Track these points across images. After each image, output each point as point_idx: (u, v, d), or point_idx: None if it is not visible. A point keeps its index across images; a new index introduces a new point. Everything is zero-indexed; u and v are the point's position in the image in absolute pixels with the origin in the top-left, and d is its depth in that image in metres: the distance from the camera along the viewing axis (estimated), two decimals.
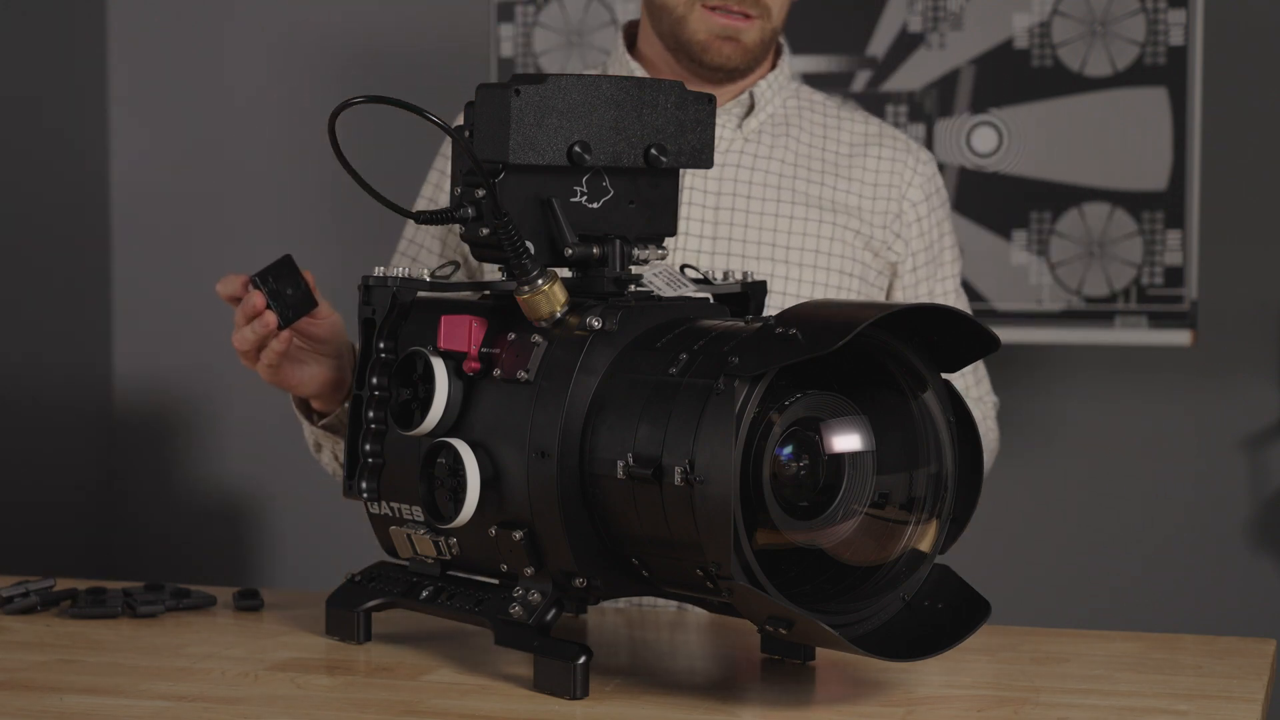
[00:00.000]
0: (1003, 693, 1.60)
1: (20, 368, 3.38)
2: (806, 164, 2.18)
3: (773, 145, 2.18)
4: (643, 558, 1.56)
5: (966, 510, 1.58)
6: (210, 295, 3.58)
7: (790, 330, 1.45)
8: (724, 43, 2.11)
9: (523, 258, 1.60)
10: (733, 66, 2.13)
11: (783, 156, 2.17)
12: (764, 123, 2.19)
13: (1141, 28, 3.08)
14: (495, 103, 1.63)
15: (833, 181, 2.17)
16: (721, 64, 2.13)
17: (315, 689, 1.60)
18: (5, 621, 1.85)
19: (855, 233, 2.15)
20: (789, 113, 2.21)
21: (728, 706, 1.54)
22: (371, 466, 1.71)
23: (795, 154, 2.18)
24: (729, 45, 2.12)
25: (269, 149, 3.55)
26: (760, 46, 2.13)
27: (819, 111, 2.23)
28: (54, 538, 3.47)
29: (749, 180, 2.15)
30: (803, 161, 2.18)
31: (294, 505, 3.57)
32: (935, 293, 2.24)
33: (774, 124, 2.19)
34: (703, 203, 2.14)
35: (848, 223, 2.15)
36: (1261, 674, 1.66)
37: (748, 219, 2.14)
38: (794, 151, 2.18)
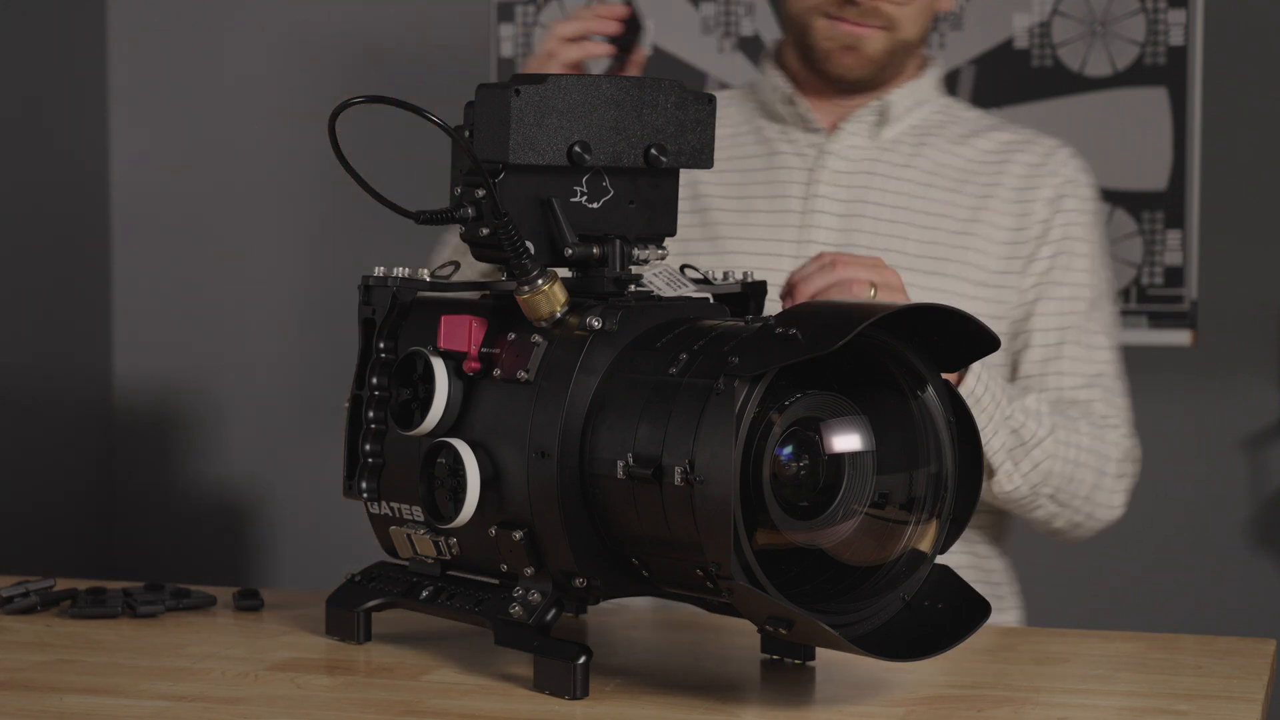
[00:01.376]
0: (1003, 693, 1.60)
1: (20, 368, 3.38)
2: (942, 178, 2.13)
3: (910, 156, 2.14)
4: (643, 558, 1.56)
5: (966, 510, 1.58)
6: (210, 295, 3.60)
7: (790, 330, 1.45)
8: (845, 52, 2.09)
9: (523, 258, 1.60)
10: (855, 77, 2.10)
11: (917, 172, 2.13)
12: (903, 133, 2.15)
13: (1141, 28, 3.08)
14: (495, 103, 1.64)
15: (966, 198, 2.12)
16: (842, 74, 2.10)
17: (315, 689, 1.60)
18: (5, 621, 1.85)
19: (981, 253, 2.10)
20: (930, 126, 2.17)
21: (728, 706, 1.54)
22: (371, 466, 1.71)
23: (931, 168, 2.13)
24: (849, 55, 2.09)
25: (269, 149, 3.55)
26: (886, 57, 2.10)
27: (965, 125, 2.18)
28: (54, 538, 3.47)
29: (882, 188, 2.12)
30: (938, 179, 2.13)
31: (294, 505, 3.57)
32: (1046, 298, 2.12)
33: (914, 135, 2.15)
34: (833, 210, 2.11)
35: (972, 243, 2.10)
36: (1261, 674, 1.66)
37: (876, 226, 2.10)
38: (929, 164, 2.14)
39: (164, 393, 3.63)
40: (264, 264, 3.57)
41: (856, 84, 2.12)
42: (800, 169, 2.15)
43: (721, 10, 3.25)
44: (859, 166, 2.13)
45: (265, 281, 3.57)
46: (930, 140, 2.15)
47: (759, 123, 2.19)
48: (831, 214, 2.11)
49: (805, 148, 2.15)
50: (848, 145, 2.14)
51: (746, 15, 3.24)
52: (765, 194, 2.15)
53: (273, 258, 3.56)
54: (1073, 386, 2.08)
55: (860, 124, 2.14)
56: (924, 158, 2.14)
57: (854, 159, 2.13)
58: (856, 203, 2.11)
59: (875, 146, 2.14)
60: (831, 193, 2.12)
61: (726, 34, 3.26)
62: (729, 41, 3.26)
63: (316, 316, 3.53)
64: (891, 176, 2.13)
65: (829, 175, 2.13)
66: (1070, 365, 2.08)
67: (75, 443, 3.55)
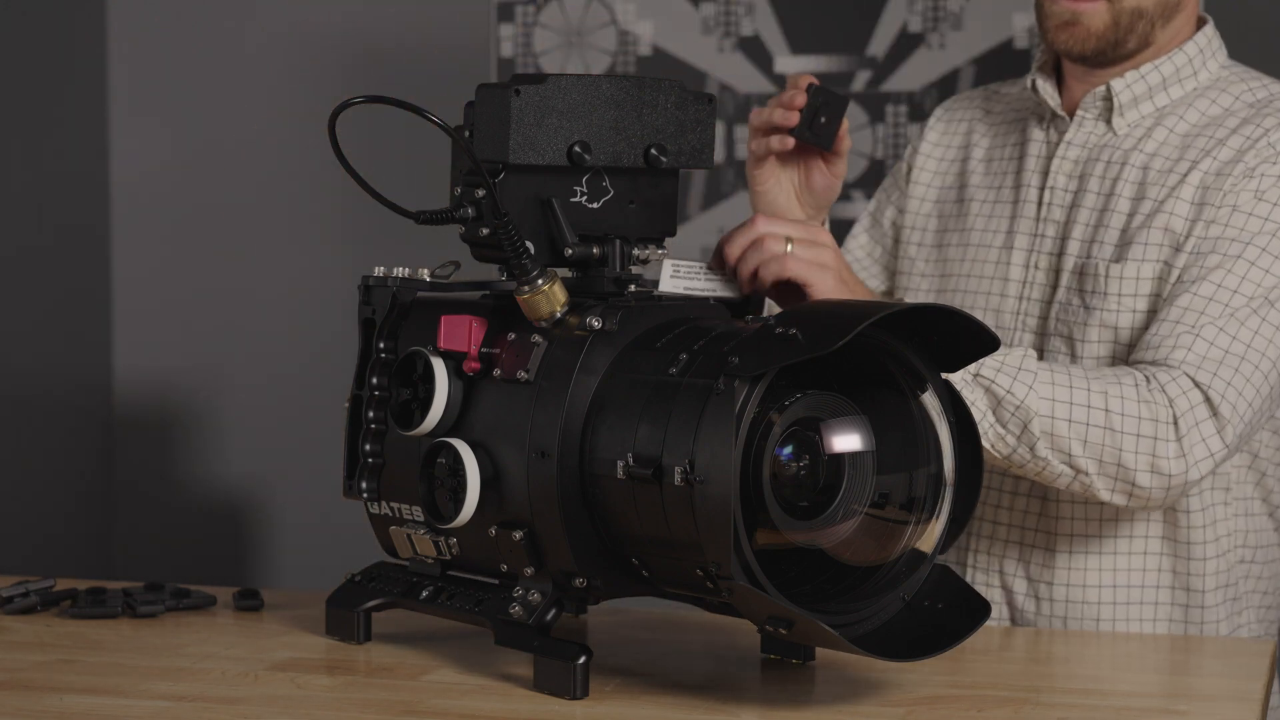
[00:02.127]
0: (1003, 693, 1.60)
1: (20, 368, 3.38)
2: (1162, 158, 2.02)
3: (1141, 140, 2.05)
4: (643, 558, 1.56)
5: (966, 510, 1.58)
6: (210, 295, 3.60)
7: (790, 330, 1.45)
8: (1062, 28, 2.02)
9: (523, 258, 1.60)
10: (1080, 53, 2.02)
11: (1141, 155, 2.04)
12: (1145, 116, 2.06)
13: None
14: (495, 103, 1.64)
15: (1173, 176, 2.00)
16: (1067, 50, 2.03)
17: (315, 689, 1.60)
18: (5, 621, 1.85)
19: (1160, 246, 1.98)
20: (1183, 102, 2.06)
21: (728, 706, 1.54)
22: (371, 466, 1.71)
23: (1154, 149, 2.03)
24: (1066, 31, 2.02)
25: (269, 149, 3.55)
26: (1114, 30, 2.01)
27: (1221, 104, 2.04)
28: (54, 538, 3.47)
29: (1102, 175, 2.04)
30: (1157, 160, 2.02)
31: (294, 505, 3.57)
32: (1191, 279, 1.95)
33: (1158, 117, 2.05)
34: (1061, 202, 2.06)
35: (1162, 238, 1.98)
36: (1261, 674, 1.66)
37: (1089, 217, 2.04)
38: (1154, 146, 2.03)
39: (164, 393, 3.63)
40: (264, 264, 3.57)
41: (1091, 60, 2.04)
42: (1043, 159, 2.11)
43: (721, 10, 3.25)
44: (1090, 154, 2.07)
45: (265, 281, 3.57)
46: (1168, 121, 2.05)
47: (1027, 114, 2.16)
48: (1060, 205, 2.07)
49: (1052, 136, 2.11)
50: (1083, 133, 2.07)
51: (746, 15, 3.24)
52: (1011, 184, 2.13)
53: (273, 258, 3.56)
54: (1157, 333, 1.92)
55: (1091, 110, 2.07)
56: (1151, 139, 2.04)
57: (1088, 146, 2.07)
58: (1080, 193, 2.06)
59: (1110, 133, 2.07)
60: (1064, 183, 2.07)
61: (726, 34, 3.26)
62: (729, 41, 3.26)
63: (316, 316, 3.53)
64: (1114, 163, 2.05)
65: (1064, 165, 2.07)
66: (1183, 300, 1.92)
67: (75, 443, 3.55)
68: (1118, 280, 1.97)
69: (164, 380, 3.63)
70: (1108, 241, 2.00)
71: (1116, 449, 1.85)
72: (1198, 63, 2.06)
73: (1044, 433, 1.84)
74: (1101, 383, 1.86)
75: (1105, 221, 2.01)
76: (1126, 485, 1.86)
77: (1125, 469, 1.85)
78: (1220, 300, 1.91)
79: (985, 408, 1.84)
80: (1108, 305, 1.97)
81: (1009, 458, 1.86)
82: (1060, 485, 1.89)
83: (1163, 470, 1.85)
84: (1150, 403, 1.86)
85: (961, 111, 2.24)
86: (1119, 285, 1.97)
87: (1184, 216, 1.96)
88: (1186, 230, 1.96)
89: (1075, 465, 1.85)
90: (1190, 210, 1.96)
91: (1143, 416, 1.85)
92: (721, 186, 3.27)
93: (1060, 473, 1.86)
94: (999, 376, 1.83)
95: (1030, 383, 1.84)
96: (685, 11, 3.27)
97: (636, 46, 3.29)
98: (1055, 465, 1.85)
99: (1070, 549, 2.01)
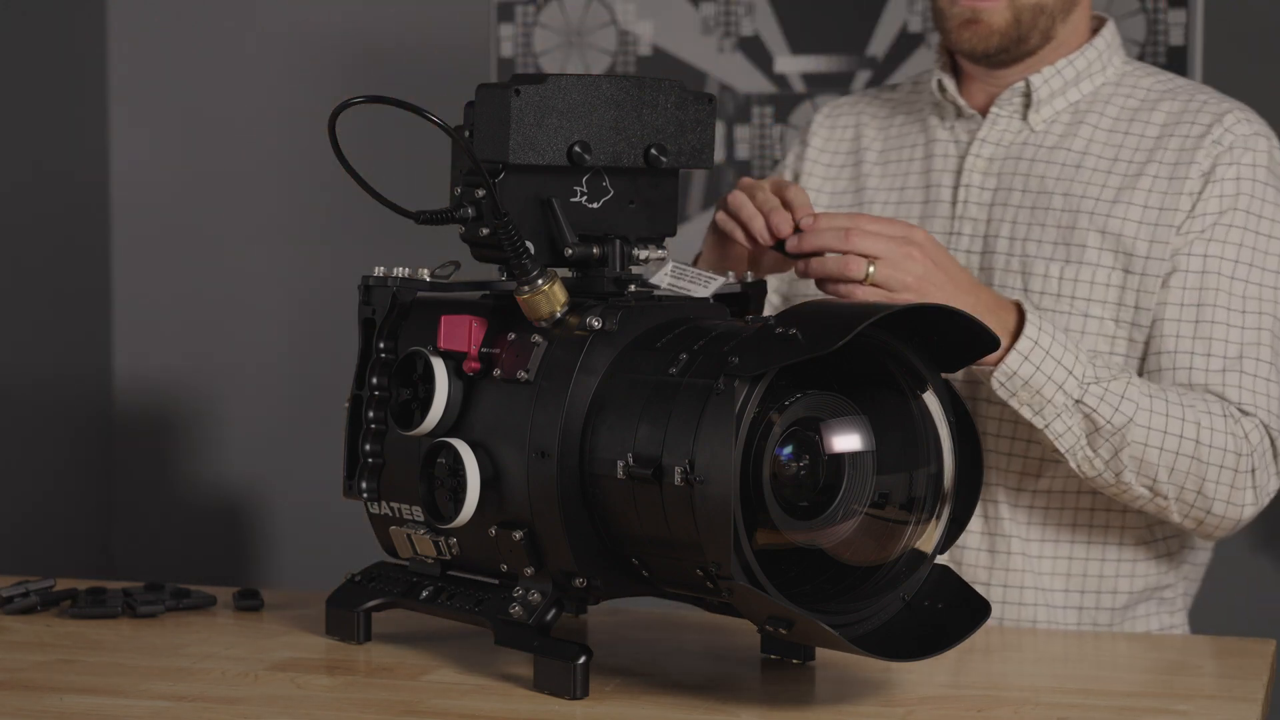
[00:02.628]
0: (1003, 693, 1.60)
1: (20, 368, 3.38)
2: (1094, 157, 2.03)
3: (1063, 137, 2.05)
4: (643, 558, 1.56)
5: (966, 510, 1.58)
6: (210, 296, 3.60)
7: (790, 330, 1.45)
8: (966, 26, 2.02)
9: (523, 258, 1.60)
10: (984, 50, 2.02)
11: (1068, 154, 2.04)
12: (1061, 112, 2.06)
13: (1142, 28, 3.08)
14: (495, 103, 1.64)
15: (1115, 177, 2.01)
16: (970, 49, 2.03)
17: (315, 689, 1.60)
18: (5, 621, 1.85)
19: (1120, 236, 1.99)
20: (1095, 100, 2.07)
21: (728, 706, 1.54)
22: (371, 466, 1.71)
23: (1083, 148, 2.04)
24: (969, 29, 2.02)
25: (269, 149, 3.55)
26: (1015, 28, 2.01)
27: (1136, 97, 2.06)
28: (54, 538, 3.47)
29: (1027, 174, 2.04)
30: (1089, 159, 2.03)
31: (294, 505, 3.57)
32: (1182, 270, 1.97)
33: (1073, 113, 2.06)
34: (980, 199, 2.06)
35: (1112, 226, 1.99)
36: (1261, 674, 1.66)
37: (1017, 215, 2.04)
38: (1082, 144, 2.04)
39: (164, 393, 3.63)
40: (264, 264, 3.57)
41: (993, 58, 2.04)
42: (954, 157, 2.10)
43: (721, 10, 3.25)
44: (1008, 152, 2.07)
45: (265, 282, 3.57)
46: (1090, 118, 2.05)
47: (927, 113, 2.15)
48: (978, 203, 2.06)
49: (961, 135, 2.10)
50: (998, 130, 2.07)
51: (746, 15, 3.24)
52: (920, 184, 2.12)
53: (273, 258, 3.56)
54: (1205, 369, 1.94)
55: (1007, 107, 2.07)
56: (1078, 138, 2.04)
57: (1004, 144, 2.07)
58: (1002, 190, 2.06)
59: (1026, 129, 2.07)
60: (980, 181, 2.06)
61: (726, 34, 3.26)
62: (729, 41, 3.26)
63: (316, 316, 3.53)
64: (1039, 160, 2.05)
65: (979, 164, 2.07)
66: (1205, 332, 1.95)
67: (75, 443, 3.55)
68: (1071, 283, 1.99)
69: (164, 380, 3.63)
70: (1045, 240, 2.01)
71: (1200, 478, 1.90)
72: (1106, 58, 2.09)
73: (1133, 458, 1.88)
74: (1194, 411, 1.90)
75: (1040, 220, 2.02)
76: (1201, 513, 1.92)
77: (1205, 497, 1.91)
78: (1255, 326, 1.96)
79: (1081, 432, 1.87)
80: (1059, 307, 1.98)
81: (1092, 478, 1.90)
82: (1135, 505, 1.94)
83: (1237, 502, 1.92)
84: (1236, 436, 1.91)
85: (845, 117, 2.23)
86: (1072, 288, 1.99)
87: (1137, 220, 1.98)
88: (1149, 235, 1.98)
89: (1156, 490, 1.90)
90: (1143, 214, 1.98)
91: (1227, 449, 1.90)
92: (721, 187, 3.27)
93: (1139, 495, 1.91)
94: (1102, 406, 1.86)
95: (1131, 414, 1.87)
96: (685, 11, 3.27)
97: (636, 46, 3.29)
98: (1136, 489, 1.90)
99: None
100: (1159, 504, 1.90)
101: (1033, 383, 1.84)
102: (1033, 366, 1.83)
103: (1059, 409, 1.85)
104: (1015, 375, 1.84)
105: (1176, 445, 1.88)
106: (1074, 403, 1.85)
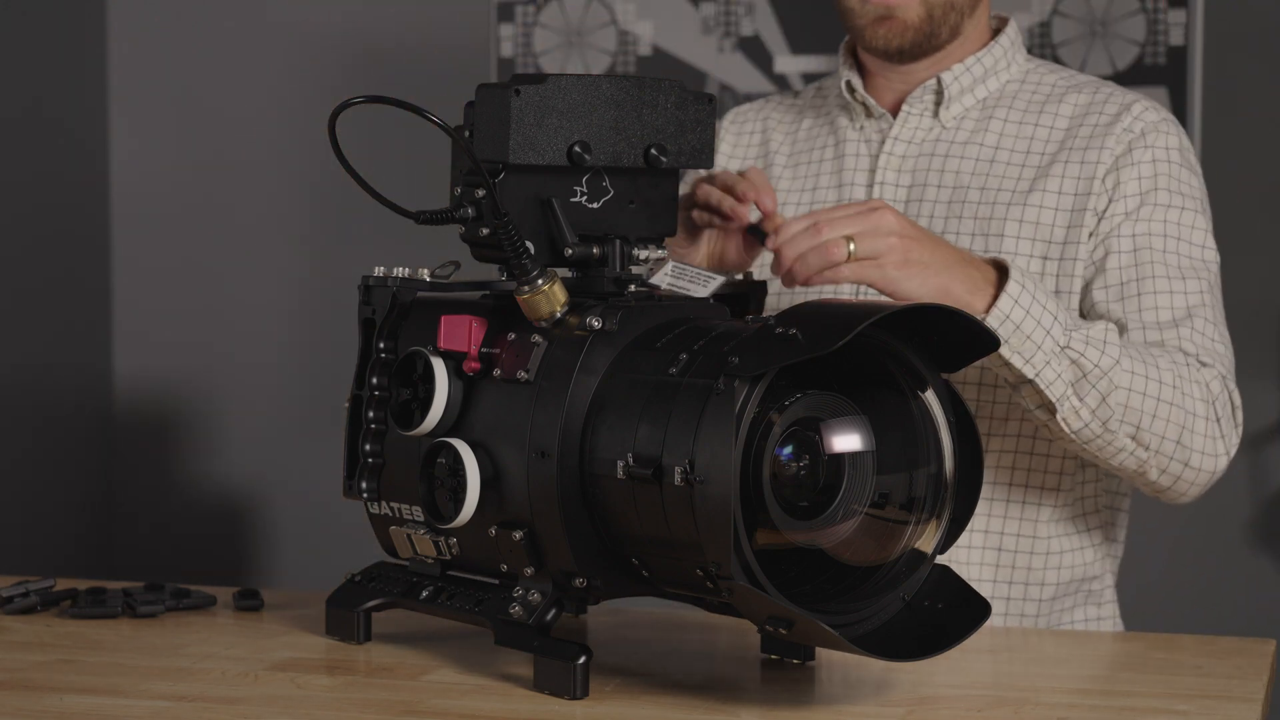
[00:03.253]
0: (1003, 693, 1.60)
1: (20, 368, 3.38)
2: (1007, 151, 2.06)
3: (974, 133, 2.08)
4: (643, 558, 1.56)
5: (966, 510, 1.58)
6: (210, 295, 3.60)
7: (790, 330, 1.45)
8: (879, 24, 2.03)
9: (523, 258, 1.60)
10: (897, 46, 2.04)
11: (981, 148, 2.07)
12: (970, 108, 2.09)
13: (1141, 28, 3.08)
14: (495, 103, 1.64)
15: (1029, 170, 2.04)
16: (884, 46, 2.04)
17: (315, 689, 1.60)
18: (5, 621, 1.85)
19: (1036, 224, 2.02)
20: (1002, 96, 2.10)
21: (728, 706, 1.54)
22: (371, 466, 1.71)
23: (995, 142, 2.07)
24: (883, 25, 2.03)
25: (269, 149, 3.55)
26: (928, 23, 2.03)
27: (1042, 92, 2.10)
28: (54, 538, 3.47)
29: (942, 169, 2.06)
30: (1002, 153, 2.06)
31: (294, 505, 3.57)
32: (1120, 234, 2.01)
33: (982, 109, 2.09)
34: (896, 197, 2.07)
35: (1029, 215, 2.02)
36: (1261, 674, 1.66)
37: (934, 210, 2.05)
38: (994, 139, 2.07)
39: (164, 393, 3.63)
40: (264, 264, 3.57)
41: (906, 54, 2.06)
42: (866, 156, 2.11)
43: (721, 10, 3.26)
44: (921, 149, 2.09)
45: (265, 281, 3.57)
46: (999, 112, 2.08)
47: (834, 115, 2.16)
48: (894, 200, 2.07)
49: (872, 134, 2.11)
50: (910, 128, 2.09)
51: (746, 15, 3.24)
52: (832, 184, 2.12)
53: (273, 258, 3.56)
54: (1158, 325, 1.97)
55: (919, 105, 2.09)
56: (990, 132, 2.07)
57: (916, 141, 2.09)
58: (917, 187, 2.07)
59: (938, 126, 2.09)
60: (895, 179, 2.08)
61: (726, 34, 3.26)
62: (729, 41, 3.26)
63: (316, 316, 3.53)
64: (953, 156, 2.07)
65: (893, 162, 2.08)
66: (1150, 301, 1.98)
67: (75, 443, 3.55)
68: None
69: (164, 380, 3.63)
70: (964, 232, 2.03)
71: (1179, 426, 1.90)
72: (1010, 55, 2.12)
73: (1119, 404, 1.87)
74: (1166, 359, 1.91)
75: (958, 213, 2.04)
76: (1180, 465, 1.92)
77: (1184, 448, 1.91)
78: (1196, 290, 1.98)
79: (1068, 380, 1.86)
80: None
81: (1078, 431, 1.88)
82: (1115, 462, 1.92)
83: (1211, 452, 1.92)
84: (1201, 384, 1.92)
85: (750, 122, 2.24)
86: None
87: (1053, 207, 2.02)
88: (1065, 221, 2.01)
89: (1139, 440, 1.89)
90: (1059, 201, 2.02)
91: (1198, 398, 1.91)
92: None
93: (1123, 446, 1.90)
94: (1088, 350, 1.85)
95: (1117, 356, 1.87)
96: (685, 11, 3.27)
97: (636, 46, 3.29)
98: (1121, 438, 1.89)
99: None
100: (1139, 457, 1.90)
101: (1023, 327, 1.83)
102: (1023, 310, 1.82)
103: (1048, 355, 1.83)
104: (1007, 319, 1.82)
105: (1158, 391, 1.88)
106: (1060, 348, 1.84)
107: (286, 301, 3.56)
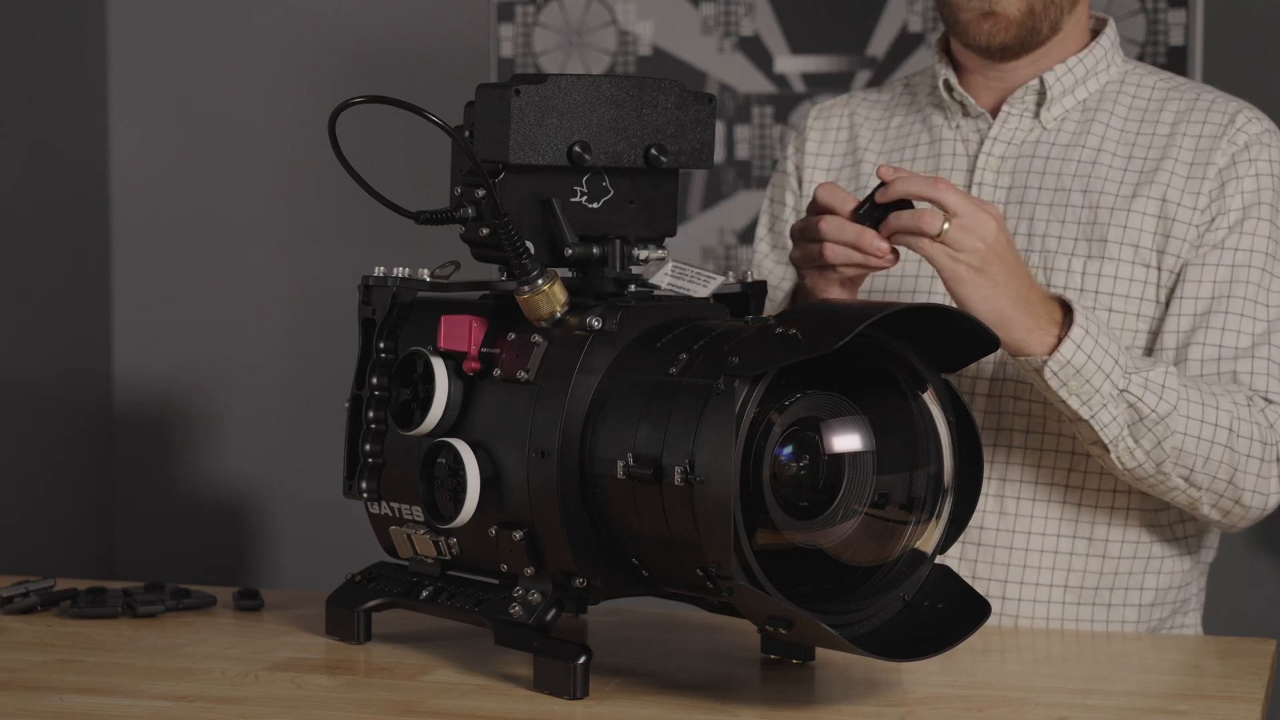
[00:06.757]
0: (1003, 693, 1.60)
1: (20, 368, 3.38)
2: (1109, 154, 2.03)
3: (1076, 134, 2.05)
4: (643, 558, 1.56)
5: (966, 510, 1.58)
6: (210, 295, 3.60)
7: (790, 330, 1.45)
8: (983, 19, 2.00)
9: (523, 258, 1.60)
10: (1000, 43, 2.01)
11: (1083, 150, 2.04)
12: (1070, 110, 2.07)
13: (1141, 28, 3.08)
14: (495, 103, 1.64)
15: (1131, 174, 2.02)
16: (986, 42, 2.01)
17: (315, 689, 1.60)
18: (5, 621, 1.85)
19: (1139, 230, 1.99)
20: (1103, 98, 2.07)
21: (728, 706, 1.54)
22: (371, 466, 1.71)
23: (1098, 144, 2.04)
24: (987, 21, 2.00)
25: (269, 148, 3.55)
26: (1031, 18, 2.01)
27: (1144, 94, 2.07)
28: (54, 538, 3.47)
29: (1043, 171, 2.04)
30: (1104, 155, 2.03)
31: (294, 505, 3.57)
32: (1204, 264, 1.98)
33: (1083, 110, 2.07)
34: (992, 198, 2.04)
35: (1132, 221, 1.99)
36: (1261, 674, 1.66)
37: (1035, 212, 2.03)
38: (1096, 141, 2.04)
39: (164, 393, 3.63)
40: (264, 264, 3.57)
41: (1007, 51, 2.03)
42: (964, 156, 2.09)
43: (721, 10, 3.26)
44: (1021, 150, 2.06)
45: (265, 282, 3.57)
46: (1101, 115, 2.06)
47: (928, 112, 2.14)
48: (993, 201, 2.04)
49: (970, 134, 2.09)
50: (1010, 129, 2.07)
51: (746, 15, 3.24)
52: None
53: (273, 258, 3.56)
54: (1228, 355, 1.95)
55: (1019, 105, 2.06)
56: (1092, 135, 2.04)
57: (1016, 142, 2.06)
58: (1017, 189, 2.05)
59: (1038, 127, 2.07)
60: (994, 179, 2.05)
61: (726, 34, 3.26)
62: (729, 41, 3.26)
63: (316, 316, 3.53)
64: (1054, 158, 2.05)
65: (992, 162, 2.06)
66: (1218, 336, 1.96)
67: (75, 443, 3.55)
68: (1095, 278, 1.98)
69: (164, 380, 3.63)
70: (1067, 235, 2.01)
71: (1232, 468, 1.90)
72: (1110, 56, 2.09)
73: (1174, 449, 1.88)
74: (1226, 401, 1.91)
75: (1060, 216, 2.02)
76: (1230, 503, 1.93)
77: (1235, 487, 1.92)
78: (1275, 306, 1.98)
79: (1124, 422, 1.87)
80: (1083, 301, 1.98)
81: (1131, 470, 1.89)
82: (1168, 497, 1.94)
83: (1263, 490, 1.93)
84: (1262, 426, 1.92)
85: (836, 118, 2.21)
86: (1095, 283, 1.98)
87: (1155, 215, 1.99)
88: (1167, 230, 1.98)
89: (1192, 481, 1.91)
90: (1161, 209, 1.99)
91: (1254, 439, 1.92)
92: (721, 186, 3.27)
93: (1175, 486, 1.91)
94: (1146, 395, 1.86)
95: (1174, 403, 1.87)
96: (685, 11, 3.27)
97: (636, 46, 3.29)
98: (1174, 479, 1.90)
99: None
100: (1191, 495, 1.91)
101: (1084, 371, 1.83)
102: (1084, 355, 1.82)
103: (1105, 399, 1.84)
104: (1068, 364, 1.82)
105: (1212, 434, 1.89)
106: (1119, 392, 1.84)
107: (286, 301, 3.56)
